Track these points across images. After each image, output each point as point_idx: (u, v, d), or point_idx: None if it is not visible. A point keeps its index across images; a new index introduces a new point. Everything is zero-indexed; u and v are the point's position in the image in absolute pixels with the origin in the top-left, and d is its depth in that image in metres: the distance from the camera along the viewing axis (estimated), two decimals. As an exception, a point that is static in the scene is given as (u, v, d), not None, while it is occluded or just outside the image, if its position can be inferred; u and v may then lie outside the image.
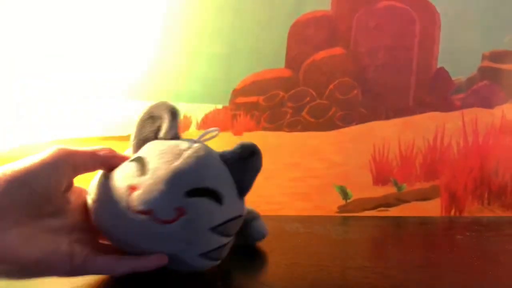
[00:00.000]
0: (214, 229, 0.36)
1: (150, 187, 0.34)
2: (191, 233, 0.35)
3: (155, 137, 0.39)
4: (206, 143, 0.41)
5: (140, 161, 0.36)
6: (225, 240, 0.38)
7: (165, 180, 0.34)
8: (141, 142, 0.39)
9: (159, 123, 0.39)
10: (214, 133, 0.42)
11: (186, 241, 0.35)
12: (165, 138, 0.38)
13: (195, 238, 0.35)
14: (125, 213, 0.33)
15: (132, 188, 0.34)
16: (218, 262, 0.39)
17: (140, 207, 0.33)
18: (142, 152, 0.37)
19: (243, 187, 0.40)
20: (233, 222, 0.38)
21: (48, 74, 0.79)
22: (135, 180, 0.34)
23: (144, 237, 0.34)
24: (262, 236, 0.51)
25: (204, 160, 0.37)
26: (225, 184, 0.38)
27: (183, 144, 0.38)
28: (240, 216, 0.40)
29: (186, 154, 0.37)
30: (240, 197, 0.40)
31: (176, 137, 0.39)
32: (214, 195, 0.36)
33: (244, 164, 0.39)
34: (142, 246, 0.34)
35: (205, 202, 0.35)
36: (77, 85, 0.80)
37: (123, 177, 0.35)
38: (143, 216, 0.33)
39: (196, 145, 0.39)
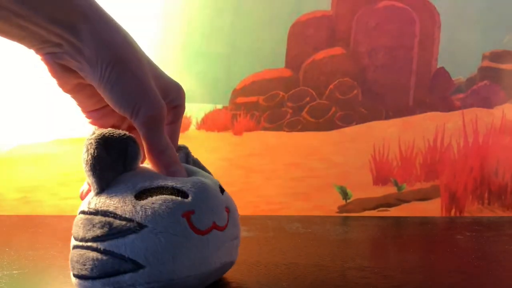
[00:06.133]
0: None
1: (202, 204, 0.34)
2: (237, 226, 0.38)
3: (123, 168, 0.35)
4: None
5: (167, 188, 0.34)
6: None
7: (208, 189, 0.35)
8: (109, 175, 0.34)
9: (119, 151, 0.35)
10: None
11: (236, 236, 0.38)
12: (133, 169, 0.36)
13: (238, 230, 0.38)
14: (191, 238, 0.32)
15: (186, 214, 0.33)
16: None
17: (206, 225, 0.33)
18: (146, 184, 0.34)
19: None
20: None
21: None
22: (184, 207, 0.33)
23: (220, 250, 0.34)
24: None
25: (199, 163, 0.42)
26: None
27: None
28: None
29: (188, 165, 0.40)
30: None
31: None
32: (221, 187, 0.39)
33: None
34: (224, 259, 0.35)
35: (228, 194, 0.39)
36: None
37: (168, 213, 0.32)
38: (211, 232, 0.34)
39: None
